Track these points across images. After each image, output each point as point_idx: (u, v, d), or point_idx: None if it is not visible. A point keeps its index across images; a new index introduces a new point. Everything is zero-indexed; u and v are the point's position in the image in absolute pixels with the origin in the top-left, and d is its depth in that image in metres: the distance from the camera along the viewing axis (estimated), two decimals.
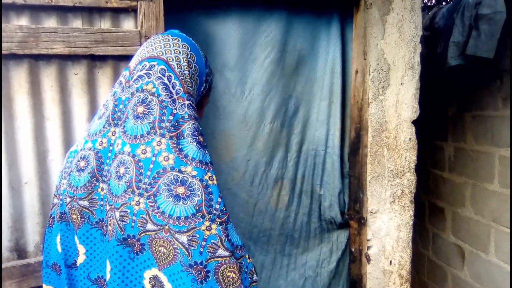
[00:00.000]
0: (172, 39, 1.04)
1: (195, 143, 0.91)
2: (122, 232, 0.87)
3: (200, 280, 0.83)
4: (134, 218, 0.86)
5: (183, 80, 0.97)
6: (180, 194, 0.86)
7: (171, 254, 0.85)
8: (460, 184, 2.91)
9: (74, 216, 0.99)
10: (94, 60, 1.61)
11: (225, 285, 0.85)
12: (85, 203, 0.97)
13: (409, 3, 1.86)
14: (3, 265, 1.54)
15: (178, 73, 0.97)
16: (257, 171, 2.16)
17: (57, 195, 1.07)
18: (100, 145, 0.98)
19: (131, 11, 1.63)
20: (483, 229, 2.68)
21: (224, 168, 2.13)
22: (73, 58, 1.58)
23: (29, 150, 1.56)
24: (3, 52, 1.47)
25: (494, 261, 2.58)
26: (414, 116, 1.92)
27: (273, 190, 2.19)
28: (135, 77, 0.97)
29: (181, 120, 0.92)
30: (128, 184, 0.88)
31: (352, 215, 1.99)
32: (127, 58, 1.60)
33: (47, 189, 1.59)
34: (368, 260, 1.96)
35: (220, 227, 0.87)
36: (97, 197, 0.97)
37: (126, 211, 0.87)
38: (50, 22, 1.56)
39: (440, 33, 2.68)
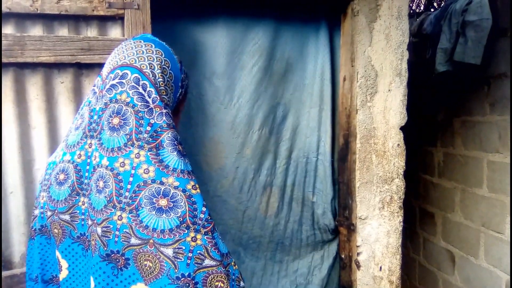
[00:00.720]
0: (145, 44, 1.00)
1: (175, 153, 0.89)
2: (105, 248, 0.84)
3: None
4: (117, 233, 0.84)
5: (158, 88, 0.94)
6: (163, 207, 0.84)
7: (157, 267, 0.83)
8: (449, 189, 2.92)
9: (56, 230, 0.97)
10: (81, 68, 1.60)
11: None
12: (66, 217, 0.95)
13: (396, 10, 1.87)
14: None
15: (153, 80, 0.94)
16: (246, 178, 2.15)
17: (37, 207, 1.03)
18: (78, 158, 0.96)
19: (118, 19, 1.62)
20: (472, 234, 2.69)
21: (213, 175, 2.12)
22: (59, 66, 1.57)
23: (14, 159, 1.54)
24: None
25: (484, 266, 2.59)
26: (402, 122, 1.93)
27: (262, 197, 2.18)
28: (107, 86, 0.93)
29: (159, 129, 0.90)
30: (108, 198, 0.86)
31: (342, 222, 1.99)
32: None
33: (32, 199, 1.57)
34: (358, 266, 1.96)
35: (205, 237, 0.85)
36: (77, 211, 0.95)
37: (108, 226, 0.85)
38: (36, 30, 1.55)
39: (428, 40, 2.71)
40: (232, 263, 0.92)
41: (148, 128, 0.89)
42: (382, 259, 1.98)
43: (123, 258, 0.84)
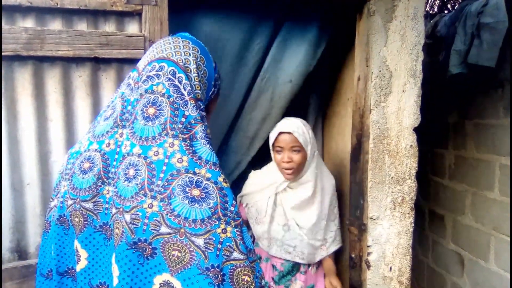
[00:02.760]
0: (182, 41, 1.03)
1: (208, 146, 0.90)
2: (133, 236, 0.84)
3: (217, 283, 0.82)
4: (146, 221, 0.84)
5: (193, 82, 0.96)
6: (196, 197, 0.85)
7: (186, 257, 0.83)
8: (460, 192, 2.91)
9: (76, 219, 0.96)
10: (98, 62, 1.62)
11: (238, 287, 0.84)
12: (89, 205, 0.95)
13: (412, 11, 1.87)
14: (4, 266, 1.54)
15: (189, 75, 0.96)
16: (247, 172, 2.19)
17: (55, 198, 1.03)
18: (107, 147, 0.96)
19: (136, 14, 1.64)
20: (483, 237, 2.68)
21: None
22: (77, 60, 1.59)
23: (32, 151, 1.57)
24: (8, 53, 1.48)
25: (493, 269, 2.57)
26: (416, 123, 1.92)
27: None
28: (144, 78, 0.95)
29: (193, 121, 0.91)
30: (139, 186, 0.86)
31: (353, 221, 1.99)
32: (131, 61, 1.61)
33: (49, 191, 1.59)
34: (368, 266, 1.96)
35: (235, 230, 0.86)
36: (101, 200, 0.94)
37: (137, 214, 0.85)
38: (55, 24, 1.57)
39: (442, 41, 2.69)
40: (257, 260, 0.92)
41: (183, 119, 0.91)
42: (393, 260, 1.97)
43: (150, 247, 0.83)
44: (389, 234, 1.96)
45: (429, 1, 3.82)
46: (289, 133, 1.79)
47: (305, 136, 1.81)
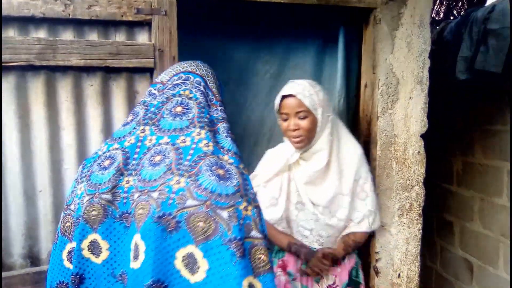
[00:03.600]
0: (201, 63, 1.21)
1: (229, 138, 1.01)
2: (158, 209, 0.88)
3: (239, 255, 0.84)
4: (172, 195, 0.89)
5: (214, 92, 1.11)
6: (221, 175, 0.91)
7: (211, 228, 0.86)
8: (468, 198, 2.90)
9: (94, 213, 0.97)
10: (109, 72, 1.65)
11: (255, 266, 0.87)
12: (108, 196, 0.97)
13: (418, 18, 1.88)
14: (16, 272, 1.57)
15: (210, 85, 1.11)
16: None
17: (70, 204, 1.06)
18: (128, 143, 1.03)
19: (146, 24, 1.67)
20: (491, 244, 2.66)
21: None
22: (88, 70, 1.62)
23: (44, 159, 1.60)
24: (21, 63, 1.52)
25: (503, 276, 2.56)
26: (423, 130, 1.93)
27: None
28: (170, 85, 1.08)
29: (216, 121, 1.03)
30: (167, 167, 0.93)
31: None
32: (141, 70, 1.65)
33: (61, 198, 1.62)
34: (377, 272, 1.96)
35: (255, 210, 0.92)
36: (120, 191, 0.97)
37: (164, 190, 0.90)
38: (67, 35, 1.61)
39: (448, 48, 2.70)
40: (271, 250, 0.97)
41: (207, 117, 1.03)
42: (401, 266, 1.97)
43: (174, 220, 0.87)
44: (397, 241, 1.96)
45: (435, 8, 3.83)
46: (292, 96, 1.59)
47: (312, 98, 1.58)
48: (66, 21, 1.59)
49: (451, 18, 3.68)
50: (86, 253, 0.99)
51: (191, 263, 0.86)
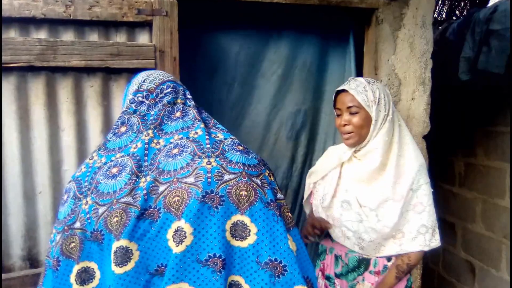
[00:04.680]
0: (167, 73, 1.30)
1: (225, 130, 1.14)
2: (201, 190, 0.94)
3: (278, 214, 0.98)
4: (209, 175, 0.96)
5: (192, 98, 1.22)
6: (242, 150, 1.05)
7: (252, 195, 0.97)
8: (470, 200, 2.88)
9: (116, 219, 0.95)
10: (109, 73, 1.64)
11: (286, 222, 1.00)
12: (129, 199, 0.97)
13: (420, 19, 1.87)
14: (15, 274, 1.56)
15: (187, 93, 1.22)
16: None
17: (68, 227, 1.00)
18: (134, 149, 1.06)
19: (146, 25, 1.66)
20: (494, 245, 2.65)
21: None
22: (89, 70, 1.61)
23: (44, 160, 1.59)
24: (22, 64, 1.51)
25: (505, 278, 2.54)
26: (425, 131, 1.92)
27: None
28: (161, 94, 1.15)
29: (208, 118, 1.18)
30: (193, 154, 1.01)
31: None
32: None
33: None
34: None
35: (274, 177, 1.07)
36: (139, 192, 0.98)
37: (199, 173, 0.97)
38: (68, 36, 1.60)
39: (450, 48, 2.69)
40: None
41: (202, 116, 1.15)
42: None
43: (218, 196, 0.95)
44: None
45: (437, 8, 3.82)
46: (345, 91, 1.54)
47: (366, 94, 1.51)
48: (66, 22, 1.58)
49: (454, 18, 3.67)
50: (114, 267, 0.95)
51: (240, 230, 0.96)
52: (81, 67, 1.58)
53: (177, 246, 0.93)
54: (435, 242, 1.55)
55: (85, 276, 0.99)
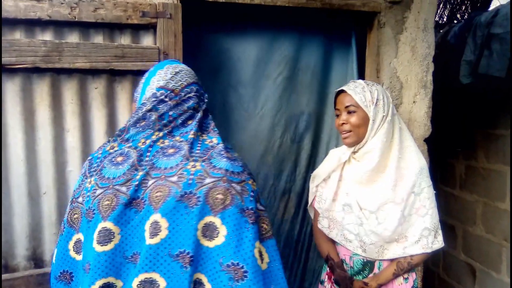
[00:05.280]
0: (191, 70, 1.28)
1: (220, 135, 1.17)
2: (180, 189, 1.00)
3: (251, 222, 1.01)
4: (191, 177, 1.02)
5: (206, 97, 1.25)
6: (229, 157, 1.08)
7: (228, 199, 1.01)
8: (471, 202, 2.89)
9: (107, 202, 1.03)
10: (114, 74, 1.65)
11: (260, 233, 1.04)
12: (123, 189, 1.04)
13: (422, 23, 1.89)
14: (20, 274, 1.57)
15: (204, 93, 1.25)
16: (266, 184, 2.19)
17: (78, 197, 1.11)
18: (142, 144, 1.12)
19: (151, 27, 1.68)
20: (494, 248, 2.66)
21: None
22: (93, 72, 1.62)
23: (48, 161, 1.60)
24: (27, 65, 1.52)
25: (506, 281, 2.55)
26: (426, 134, 1.93)
27: (280, 202, 2.22)
28: (185, 97, 1.17)
29: (210, 121, 1.22)
30: (183, 156, 1.06)
31: None
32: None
33: (65, 200, 1.62)
34: None
35: (257, 187, 1.09)
36: (133, 183, 1.04)
37: (183, 174, 1.03)
38: (73, 37, 1.62)
39: (451, 52, 2.70)
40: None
41: (204, 121, 1.21)
42: None
43: (195, 197, 1.00)
44: None
45: (438, 11, 3.83)
46: (344, 91, 1.58)
47: (364, 95, 1.54)
48: (72, 23, 1.59)
49: (455, 22, 3.68)
50: (95, 244, 1.03)
51: (210, 230, 1.00)
52: (86, 69, 1.59)
53: (151, 238, 0.99)
54: (438, 244, 1.57)
55: (79, 246, 1.10)
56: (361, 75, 2.04)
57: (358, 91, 1.54)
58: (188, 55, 1.78)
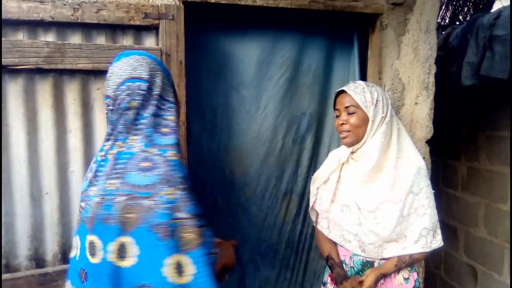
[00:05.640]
0: (146, 57, 1.15)
1: (166, 136, 1.09)
2: (101, 212, 1.00)
3: (163, 237, 0.95)
4: (110, 197, 1.00)
5: (161, 93, 1.13)
6: (146, 167, 1.01)
7: (137, 217, 0.96)
8: (473, 204, 2.89)
9: (90, 215, 1.05)
10: None
11: (183, 243, 0.97)
12: (83, 204, 1.10)
13: (424, 24, 1.89)
14: (22, 274, 1.57)
15: (155, 89, 1.12)
16: (268, 186, 2.19)
17: (81, 201, 1.14)
18: (100, 157, 1.11)
19: (153, 29, 1.68)
20: (496, 250, 2.65)
21: (236, 182, 2.16)
22: (96, 73, 1.63)
23: (51, 161, 1.61)
24: (30, 66, 1.53)
25: (508, 283, 2.54)
26: (428, 135, 1.93)
27: (282, 203, 2.23)
28: (118, 100, 1.08)
29: (162, 121, 1.12)
30: (105, 174, 1.04)
31: None
32: None
33: (66, 200, 1.63)
34: None
35: (180, 193, 0.99)
36: (90, 199, 1.06)
37: (103, 193, 1.02)
38: (75, 38, 1.62)
39: (454, 53, 2.70)
40: (207, 228, 1.06)
41: (151, 119, 1.11)
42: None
43: (111, 217, 0.99)
44: None
45: (441, 13, 3.83)
46: (344, 92, 1.58)
47: (364, 95, 1.54)
48: (74, 25, 1.60)
49: (457, 23, 3.68)
50: (87, 255, 1.05)
51: (122, 251, 0.97)
52: (88, 70, 1.60)
53: (92, 257, 1.02)
54: (437, 243, 1.58)
55: (92, 247, 1.07)
56: (363, 77, 2.04)
57: (358, 92, 1.55)
58: (190, 57, 1.79)
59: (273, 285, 2.28)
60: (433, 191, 1.61)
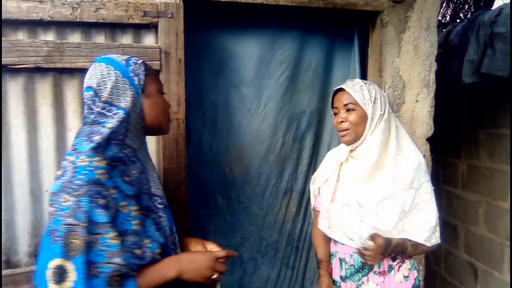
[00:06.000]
0: (104, 61, 1.24)
1: (89, 141, 1.09)
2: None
3: (53, 241, 0.97)
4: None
5: (107, 99, 1.15)
6: (58, 175, 1.05)
7: (47, 223, 1.03)
8: (473, 202, 2.89)
9: None
10: None
11: (68, 249, 0.96)
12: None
13: (425, 22, 1.88)
14: (22, 270, 1.58)
15: (102, 95, 1.15)
16: (268, 184, 2.19)
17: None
18: None
19: (152, 27, 1.68)
20: (496, 248, 2.65)
21: (236, 181, 2.16)
22: None
23: (50, 159, 1.61)
24: (29, 65, 1.53)
25: (508, 280, 2.54)
26: (429, 133, 1.93)
27: (282, 201, 2.23)
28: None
29: (100, 129, 1.14)
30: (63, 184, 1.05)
31: None
32: None
33: None
34: None
35: (74, 200, 1.00)
36: None
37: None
38: (75, 37, 1.62)
39: (454, 51, 2.69)
40: (109, 236, 1.02)
41: (87, 127, 1.15)
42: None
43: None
44: None
45: (442, 11, 3.82)
46: (343, 90, 1.59)
47: (363, 93, 1.55)
48: (73, 24, 1.60)
49: (458, 21, 3.67)
50: None
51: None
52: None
53: None
54: (435, 239, 1.60)
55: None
56: (363, 75, 2.03)
57: (356, 89, 1.55)
58: (190, 55, 1.79)
59: (273, 283, 2.28)
60: (433, 188, 1.62)
